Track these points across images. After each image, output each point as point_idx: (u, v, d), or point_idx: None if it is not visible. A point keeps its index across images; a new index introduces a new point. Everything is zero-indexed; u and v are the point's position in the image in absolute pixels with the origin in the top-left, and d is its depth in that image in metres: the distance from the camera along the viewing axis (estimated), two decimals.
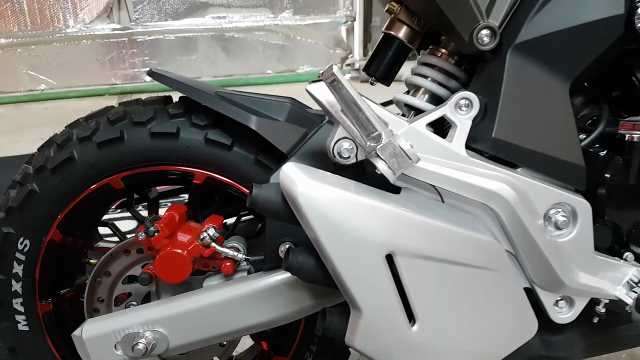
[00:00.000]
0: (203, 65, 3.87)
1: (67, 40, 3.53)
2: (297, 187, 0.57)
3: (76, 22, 3.54)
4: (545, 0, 0.67)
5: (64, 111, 3.48)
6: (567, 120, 0.69)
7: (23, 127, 3.16)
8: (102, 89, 3.74)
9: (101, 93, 3.74)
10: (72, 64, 3.54)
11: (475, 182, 0.65)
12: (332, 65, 0.61)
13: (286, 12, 3.97)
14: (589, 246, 0.69)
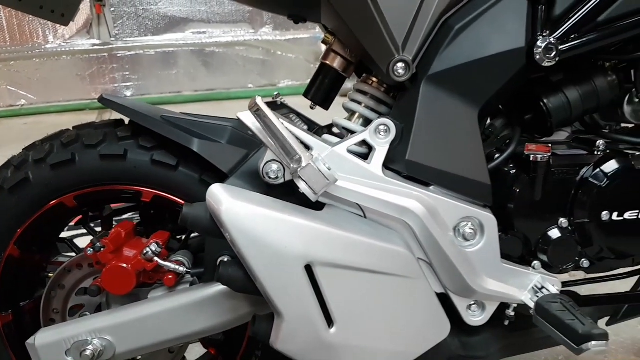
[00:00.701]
0: (184, 79, 3.94)
1: (47, 55, 3.59)
2: (221, 206, 0.64)
3: (56, 37, 3.60)
4: (454, 36, 0.75)
5: (44, 126, 3.51)
6: (475, 144, 0.77)
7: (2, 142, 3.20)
8: (83, 104, 3.79)
9: (82, 108, 3.79)
10: (52, 79, 3.59)
11: (390, 200, 0.73)
12: (256, 97, 0.68)
13: (266, 28, 4.06)
14: (495, 256, 0.77)
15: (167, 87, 3.94)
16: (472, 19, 0.75)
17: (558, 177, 0.79)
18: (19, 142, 3.23)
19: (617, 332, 1.29)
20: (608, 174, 0.78)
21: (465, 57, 0.75)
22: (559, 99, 0.80)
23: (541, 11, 0.74)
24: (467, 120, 0.77)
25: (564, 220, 0.80)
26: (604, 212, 0.79)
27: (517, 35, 0.74)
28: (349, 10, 0.75)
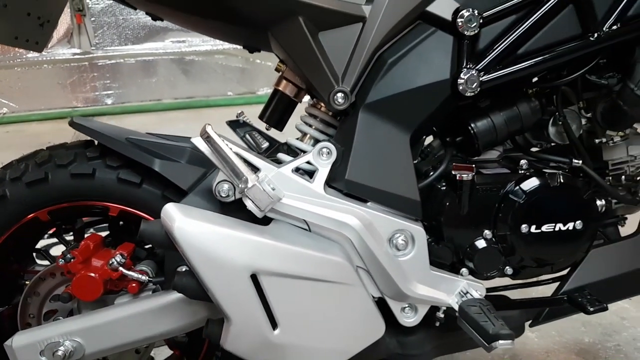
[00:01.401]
0: (164, 87, 4.00)
1: (28, 65, 3.63)
2: (173, 224, 0.72)
3: None
4: (387, 69, 0.84)
5: (26, 134, 3.55)
6: (406, 165, 0.86)
7: None
8: (64, 112, 3.83)
9: (63, 116, 3.83)
10: (34, 87, 3.63)
11: (331, 215, 0.82)
12: (206, 125, 0.77)
13: None
14: (425, 264, 0.86)
15: (147, 95, 3.99)
16: (403, 53, 0.84)
17: (482, 193, 0.89)
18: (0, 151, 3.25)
19: (561, 333, 1.41)
20: (526, 191, 0.88)
21: (397, 87, 0.85)
22: (485, 123, 0.90)
23: (465, 46, 0.84)
24: (400, 144, 0.86)
25: (488, 232, 0.90)
26: (524, 225, 0.88)
27: (442, 68, 0.84)
28: (292, 45, 0.84)
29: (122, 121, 3.88)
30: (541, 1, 0.83)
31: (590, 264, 0.93)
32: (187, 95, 4.06)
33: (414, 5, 0.83)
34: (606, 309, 0.91)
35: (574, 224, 0.89)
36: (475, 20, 0.82)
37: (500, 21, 0.84)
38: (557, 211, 0.89)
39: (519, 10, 0.84)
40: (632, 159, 0.98)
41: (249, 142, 1.10)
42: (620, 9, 0.82)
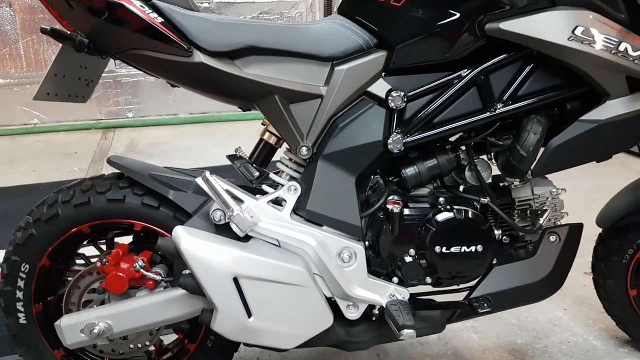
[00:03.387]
0: (180, 103, 4.35)
1: None
2: (180, 241, 1.04)
3: None
4: (338, 131, 1.15)
5: (55, 144, 3.92)
6: (351, 199, 1.16)
7: (17, 157, 3.60)
8: (89, 124, 4.21)
9: (88, 127, 4.20)
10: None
11: (294, 236, 1.12)
12: (206, 172, 1.09)
13: None
14: (364, 272, 1.16)
15: (165, 110, 4.35)
16: (350, 120, 1.15)
17: (407, 222, 1.17)
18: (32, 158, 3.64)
19: (499, 335, 1.68)
20: (440, 222, 1.17)
21: (346, 144, 1.15)
22: (412, 170, 1.18)
23: (394, 116, 1.14)
24: (347, 184, 1.16)
25: (413, 251, 1.19)
26: (437, 247, 1.18)
27: (377, 132, 1.14)
28: (271, 113, 1.16)
29: (142, 133, 4.24)
30: (451, 84, 1.12)
31: (492, 278, 1.22)
32: (201, 111, 4.40)
33: (358, 87, 1.13)
34: (492, 312, 1.20)
35: (475, 247, 1.18)
36: (402, 98, 1.12)
37: (420, 98, 1.14)
38: (461, 237, 1.17)
39: (435, 90, 1.14)
40: (536, 197, 1.26)
41: (243, 172, 1.41)
42: (510, 91, 1.11)
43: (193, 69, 1.10)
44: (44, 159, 3.57)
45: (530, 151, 1.10)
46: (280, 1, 4.42)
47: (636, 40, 1.03)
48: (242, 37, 1.10)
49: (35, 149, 3.81)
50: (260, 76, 1.12)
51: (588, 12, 1.02)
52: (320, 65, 1.14)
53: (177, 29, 1.08)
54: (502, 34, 1.05)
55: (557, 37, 1.01)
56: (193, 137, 4.06)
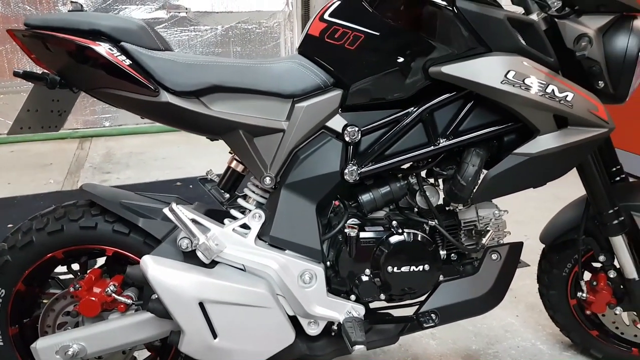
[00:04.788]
0: None
1: None
2: (147, 270, 1.12)
3: None
4: (299, 162, 1.23)
5: (29, 154, 3.92)
6: (312, 225, 1.25)
7: None
8: (65, 133, 4.21)
9: (64, 137, 4.20)
10: None
11: (258, 260, 1.21)
12: (172, 203, 1.16)
13: None
14: (323, 292, 1.25)
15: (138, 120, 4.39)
16: (310, 152, 1.24)
17: (363, 244, 1.28)
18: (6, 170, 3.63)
19: (456, 341, 1.80)
20: (391, 244, 1.27)
21: (306, 174, 1.24)
22: (368, 196, 1.28)
23: (350, 149, 1.23)
24: (308, 211, 1.26)
25: (368, 271, 1.29)
26: (389, 267, 1.28)
27: (335, 163, 1.23)
28: (237, 146, 1.24)
29: (119, 142, 4.26)
30: (400, 120, 1.23)
31: (439, 294, 1.32)
32: None
33: (316, 122, 1.22)
34: (437, 326, 1.31)
35: (423, 267, 1.28)
36: (356, 133, 1.22)
37: (373, 133, 1.24)
38: (411, 258, 1.28)
39: (386, 126, 1.23)
40: (481, 218, 1.37)
41: (214, 195, 1.49)
42: (452, 126, 1.22)
43: (160, 108, 1.17)
44: (19, 170, 3.57)
45: (469, 181, 1.21)
46: (258, 11, 4.49)
47: (562, 83, 1.14)
48: (207, 77, 1.18)
49: (9, 160, 3.81)
50: (225, 113, 1.20)
51: (520, 58, 1.13)
52: (282, 102, 1.23)
53: (145, 70, 1.15)
54: (444, 77, 1.15)
55: (491, 81, 1.12)
56: (171, 146, 4.10)
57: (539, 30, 1.14)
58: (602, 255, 1.43)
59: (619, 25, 1.17)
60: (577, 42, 1.14)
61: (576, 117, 1.15)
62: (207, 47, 4.40)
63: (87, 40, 1.14)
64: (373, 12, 1.16)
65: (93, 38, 1.15)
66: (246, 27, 4.46)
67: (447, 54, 1.15)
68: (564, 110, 1.14)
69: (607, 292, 1.45)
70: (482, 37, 1.12)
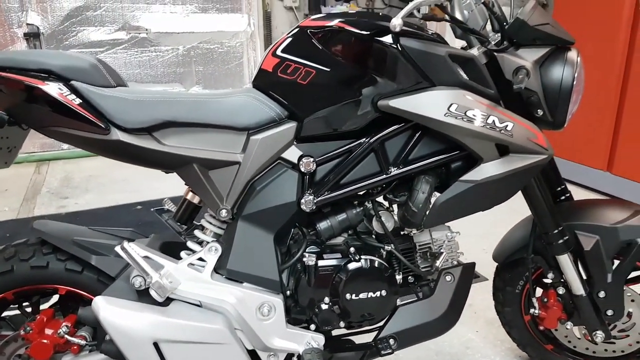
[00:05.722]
0: None
1: None
2: (99, 311, 1.10)
3: None
4: (256, 193, 1.25)
5: None
6: (270, 256, 1.26)
7: None
8: (21, 157, 4.08)
9: (20, 161, 4.07)
10: None
11: (215, 295, 1.21)
12: (124, 242, 1.15)
13: (196, 87, 4.53)
14: (282, 324, 1.26)
15: None
16: (267, 183, 1.25)
17: (322, 273, 1.29)
18: None
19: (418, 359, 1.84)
20: (349, 271, 1.29)
21: (263, 205, 1.25)
22: (326, 223, 1.31)
23: (306, 179, 1.25)
24: (266, 242, 1.27)
25: (327, 299, 1.30)
26: (347, 294, 1.30)
27: (291, 194, 1.25)
28: (191, 180, 1.24)
29: (77, 165, 4.15)
30: (353, 150, 1.26)
31: (397, 318, 1.35)
32: None
33: (272, 154, 1.24)
34: (395, 351, 1.33)
35: (380, 293, 1.31)
36: (312, 163, 1.24)
37: (328, 163, 1.26)
38: (368, 284, 1.30)
39: (340, 156, 1.26)
40: (435, 240, 1.42)
41: (171, 225, 1.48)
42: (402, 156, 1.26)
43: (111, 145, 1.17)
44: None
45: (420, 207, 1.25)
46: (220, 31, 4.49)
47: (502, 113, 1.20)
48: (159, 113, 1.19)
49: None
50: (179, 147, 1.21)
51: (462, 91, 1.18)
52: (237, 134, 1.24)
53: (95, 109, 1.15)
54: (392, 110, 1.19)
55: (435, 114, 1.17)
56: (130, 168, 3.94)
57: (479, 64, 1.19)
58: (551, 272, 1.49)
59: (554, 57, 1.23)
60: (515, 73, 1.20)
61: (516, 146, 1.20)
62: (168, 67, 4.37)
63: (36, 80, 1.12)
64: (322, 49, 1.20)
65: (42, 77, 1.13)
66: (208, 47, 4.46)
67: (394, 89, 1.19)
68: (504, 140, 1.20)
69: (557, 308, 1.51)
70: (425, 72, 1.17)
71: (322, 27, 1.21)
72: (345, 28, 1.18)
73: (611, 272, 1.41)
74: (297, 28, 1.24)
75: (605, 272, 1.41)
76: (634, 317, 1.50)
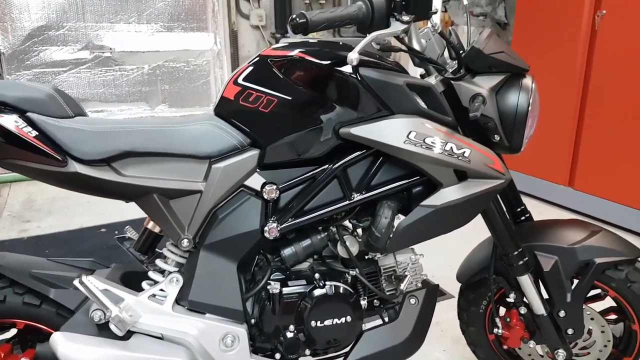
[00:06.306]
0: None
1: None
2: (57, 348, 1.07)
3: None
4: (218, 222, 1.24)
5: None
6: (233, 286, 1.25)
7: None
8: None
9: None
10: None
11: (177, 327, 1.19)
12: (82, 276, 1.13)
13: (162, 105, 4.48)
14: (247, 354, 1.24)
15: None
16: (230, 211, 1.24)
17: (286, 300, 1.29)
18: None
19: None
20: (313, 298, 1.30)
21: (226, 234, 1.24)
22: (290, 250, 1.30)
23: (269, 207, 1.26)
24: (229, 271, 1.25)
25: (292, 327, 1.30)
26: (312, 321, 1.30)
27: (254, 221, 1.25)
28: (149, 210, 1.23)
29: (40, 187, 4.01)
30: (316, 177, 1.27)
31: (362, 344, 1.35)
32: None
33: (235, 182, 1.24)
34: None
35: (345, 319, 1.31)
36: (275, 190, 1.25)
37: (292, 190, 1.27)
38: (333, 311, 1.30)
39: (304, 182, 1.27)
40: (399, 263, 1.44)
41: (133, 254, 1.46)
42: (364, 182, 1.28)
43: (68, 177, 1.14)
44: None
45: (383, 232, 1.27)
46: (186, 50, 4.48)
47: (459, 140, 1.23)
48: (118, 143, 1.17)
49: None
50: (138, 178, 1.19)
51: (420, 119, 1.21)
52: (198, 163, 1.23)
53: (52, 141, 1.12)
54: (353, 138, 1.21)
55: (395, 141, 1.19)
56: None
57: (436, 92, 1.23)
58: (513, 293, 1.52)
59: (509, 84, 1.28)
60: (472, 101, 1.24)
61: (474, 171, 1.24)
62: (133, 87, 4.32)
63: None
64: (284, 78, 1.21)
65: None
66: (174, 66, 4.43)
67: (355, 117, 1.21)
68: (462, 166, 1.23)
69: (520, 328, 1.55)
70: (385, 101, 1.20)
71: (282, 57, 1.22)
72: (306, 58, 1.20)
73: (570, 292, 1.45)
74: (258, 57, 1.26)
75: (565, 291, 1.45)
76: (594, 335, 1.55)
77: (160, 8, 4.27)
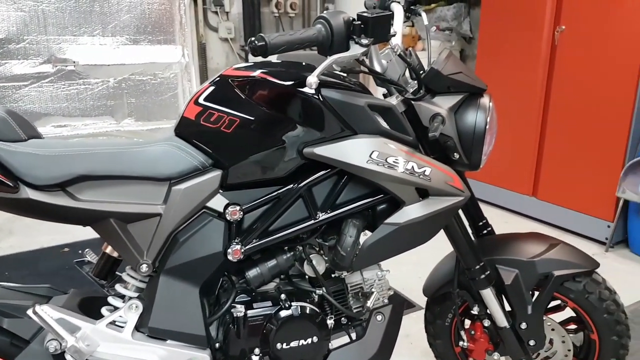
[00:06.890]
0: None
1: None
2: None
3: None
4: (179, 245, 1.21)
5: None
6: (195, 310, 1.23)
7: None
8: None
9: None
10: None
11: (136, 355, 1.16)
12: (36, 305, 1.08)
13: (128, 119, 4.40)
14: None
15: None
16: (191, 234, 1.22)
17: (251, 323, 1.27)
18: None
19: None
20: (279, 320, 1.28)
21: (187, 257, 1.22)
22: (255, 271, 1.28)
23: (232, 228, 1.24)
24: (190, 296, 1.23)
25: (257, 350, 1.28)
26: (278, 344, 1.28)
27: (217, 243, 1.23)
28: (106, 234, 1.19)
29: None
30: (281, 197, 1.26)
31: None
32: None
33: (196, 204, 1.21)
34: None
35: (312, 339, 1.30)
36: (238, 211, 1.23)
37: (255, 210, 1.25)
38: (299, 332, 1.29)
39: (268, 203, 1.26)
40: (366, 280, 1.43)
41: (93, 278, 1.41)
42: (329, 201, 1.28)
43: (21, 204, 1.10)
44: None
45: (348, 251, 1.27)
46: (153, 63, 4.41)
47: (420, 159, 1.25)
48: (73, 167, 1.14)
49: None
50: (94, 202, 1.16)
51: (382, 139, 1.22)
52: (158, 185, 1.20)
53: (3, 166, 1.08)
54: (317, 157, 1.21)
55: (358, 160, 1.20)
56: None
57: (397, 113, 1.24)
58: (476, 306, 1.54)
59: (467, 103, 1.30)
60: (432, 120, 1.26)
61: (435, 189, 1.26)
62: (98, 100, 4.22)
63: None
64: (246, 98, 1.20)
65: None
66: (141, 79, 4.35)
67: (318, 137, 1.21)
68: (423, 184, 1.24)
69: (484, 340, 1.57)
70: (347, 121, 1.20)
71: (244, 77, 1.22)
72: (268, 79, 1.20)
73: (531, 304, 1.48)
74: (219, 77, 1.25)
75: (526, 304, 1.48)
76: (555, 345, 1.58)
77: (125, 20, 4.20)
